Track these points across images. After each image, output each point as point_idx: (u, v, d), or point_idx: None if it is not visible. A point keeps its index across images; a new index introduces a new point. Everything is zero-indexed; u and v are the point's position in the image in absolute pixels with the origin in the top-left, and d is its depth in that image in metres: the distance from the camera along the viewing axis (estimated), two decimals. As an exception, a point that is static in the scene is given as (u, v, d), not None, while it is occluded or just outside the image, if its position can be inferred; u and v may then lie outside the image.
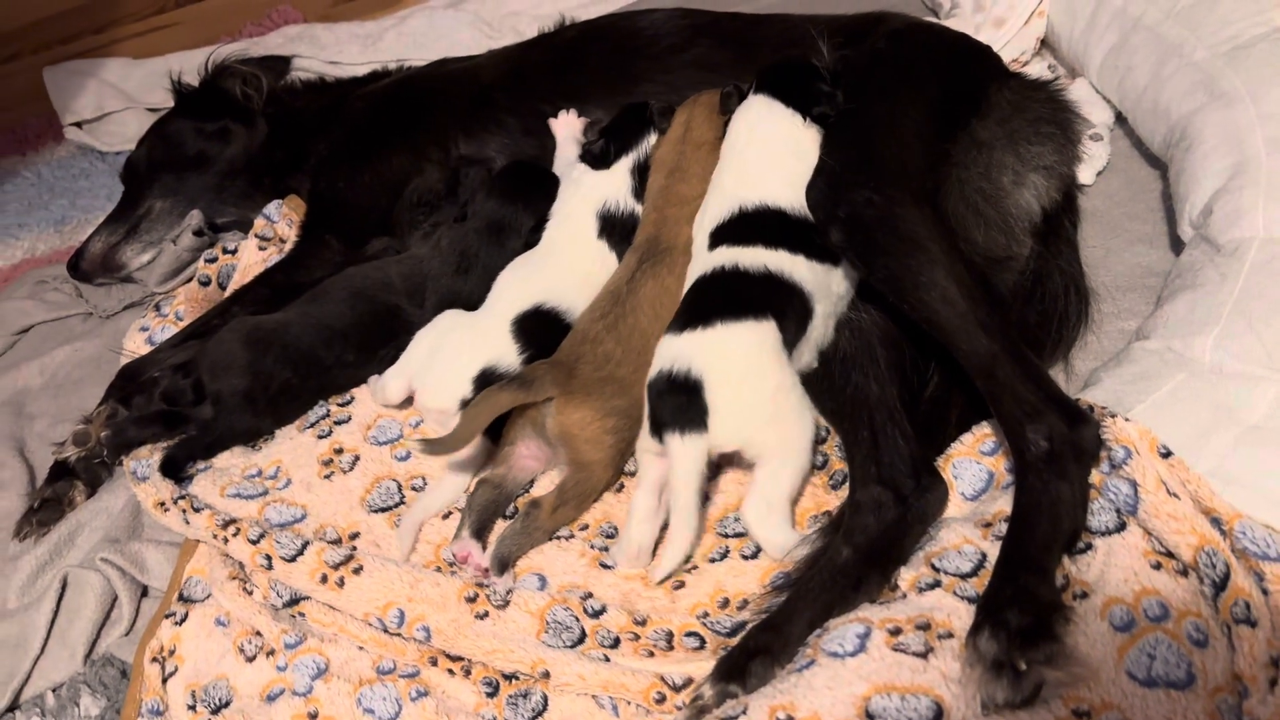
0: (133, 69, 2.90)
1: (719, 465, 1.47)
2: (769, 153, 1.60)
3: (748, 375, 1.38)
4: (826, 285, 1.50)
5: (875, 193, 1.42)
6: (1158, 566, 1.19)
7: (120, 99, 2.84)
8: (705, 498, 1.44)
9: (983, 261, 1.48)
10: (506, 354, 1.58)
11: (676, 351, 1.40)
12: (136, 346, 1.99)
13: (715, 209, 1.58)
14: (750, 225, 1.53)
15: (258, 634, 1.44)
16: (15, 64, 2.96)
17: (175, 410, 1.74)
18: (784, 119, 1.61)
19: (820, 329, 1.50)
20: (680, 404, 1.36)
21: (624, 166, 1.76)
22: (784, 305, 1.45)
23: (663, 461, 1.37)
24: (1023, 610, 1.11)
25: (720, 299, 1.45)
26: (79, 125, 2.85)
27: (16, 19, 2.91)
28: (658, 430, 1.37)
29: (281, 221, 2.14)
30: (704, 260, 1.53)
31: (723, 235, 1.54)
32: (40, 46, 2.96)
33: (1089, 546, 1.23)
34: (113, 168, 2.64)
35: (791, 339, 1.45)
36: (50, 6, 2.91)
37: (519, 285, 1.67)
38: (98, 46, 2.99)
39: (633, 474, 1.55)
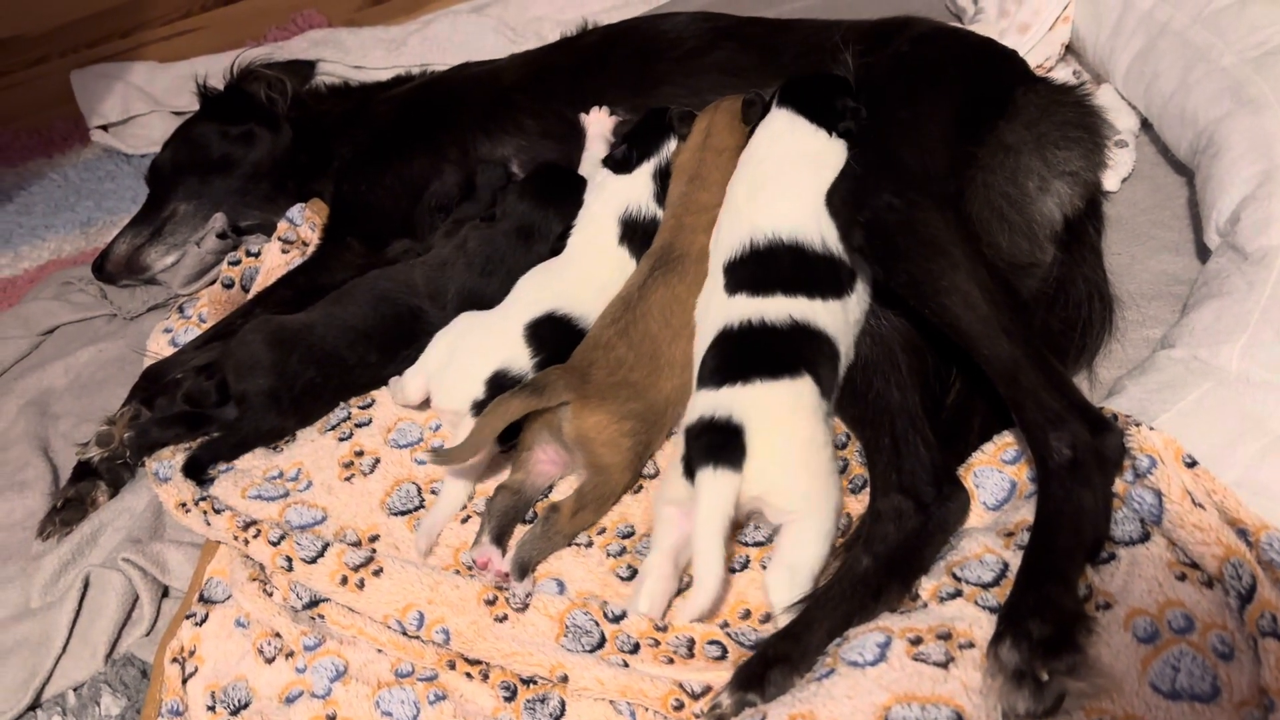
0: (159, 72, 2.92)
1: (739, 523, 1.43)
2: (787, 170, 1.57)
3: (786, 426, 1.35)
4: (845, 320, 1.48)
5: (897, 196, 1.41)
6: (1182, 578, 1.18)
7: (146, 102, 2.86)
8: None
9: (1006, 267, 1.47)
10: (519, 357, 1.58)
11: (716, 402, 1.38)
12: (160, 348, 2.01)
13: (728, 231, 1.56)
14: (766, 268, 1.49)
15: (277, 635, 1.44)
16: (43, 67, 2.99)
17: (198, 412, 1.75)
18: (807, 135, 1.58)
19: (844, 364, 1.48)
20: (718, 442, 1.33)
21: (646, 171, 1.76)
22: (815, 355, 1.42)
23: (683, 522, 1.34)
24: (1045, 620, 1.10)
25: (752, 357, 1.42)
26: (105, 128, 2.88)
27: (45, 23, 2.94)
28: (689, 470, 1.34)
29: (304, 224, 2.15)
30: (724, 308, 1.50)
31: (739, 278, 1.50)
32: (68, 50, 2.99)
33: (1112, 556, 1.21)
34: (138, 170, 2.67)
35: (830, 386, 1.43)
36: (78, 10, 2.94)
37: (536, 290, 1.67)
38: (124, 50, 3.02)
39: (651, 476, 1.55)
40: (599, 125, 1.96)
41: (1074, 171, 1.59)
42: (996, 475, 1.39)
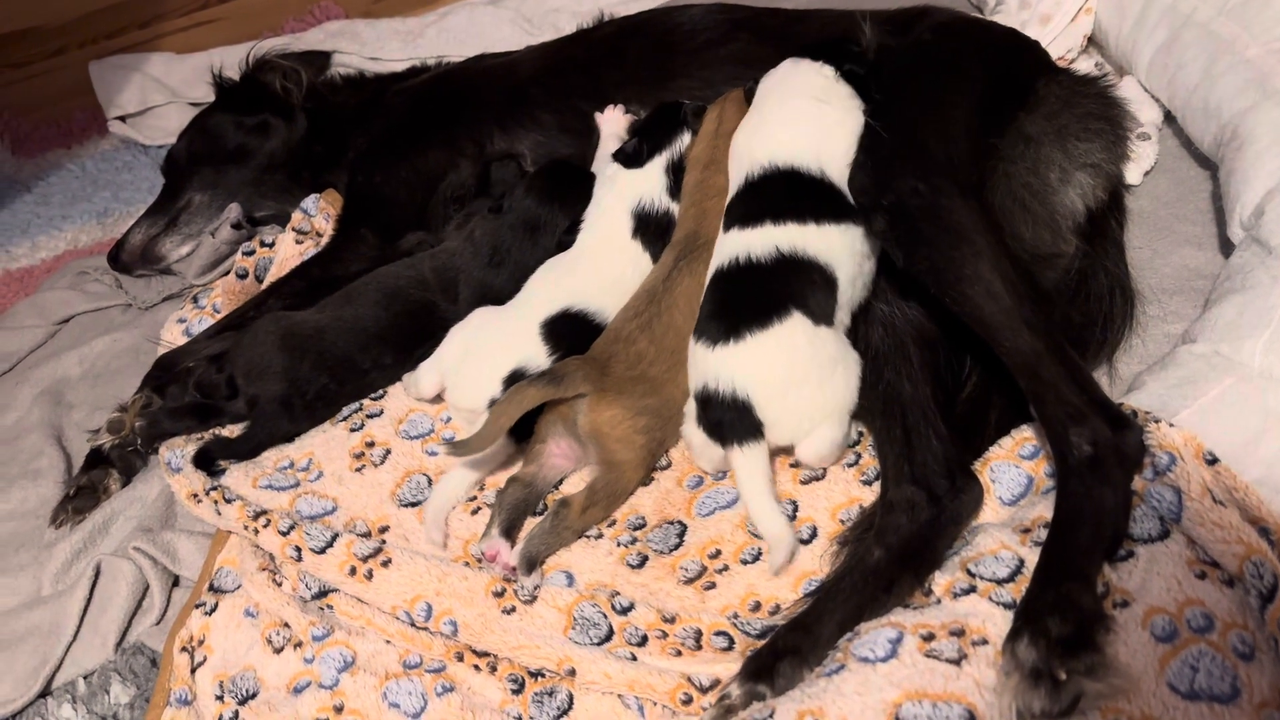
0: (176, 64, 2.93)
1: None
2: (787, 103, 1.58)
3: (790, 383, 1.38)
4: (848, 246, 1.47)
5: (921, 181, 1.39)
6: (1202, 576, 1.16)
7: (163, 93, 2.87)
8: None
9: (1028, 258, 1.45)
10: (536, 355, 1.57)
11: (715, 369, 1.40)
12: (174, 338, 2.01)
13: (733, 177, 1.58)
14: (756, 197, 1.51)
15: (286, 625, 1.44)
16: (62, 58, 3.00)
17: (208, 403, 1.75)
18: (811, 72, 1.60)
19: (849, 292, 1.47)
20: (731, 419, 1.37)
21: (658, 165, 1.74)
22: (804, 288, 1.42)
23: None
24: (1064, 618, 1.08)
25: (742, 301, 1.43)
26: (122, 119, 2.89)
27: (64, 14, 2.95)
28: (719, 438, 1.40)
29: (319, 215, 2.15)
30: (720, 247, 1.52)
31: (734, 213, 1.53)
32: (86, 41, 3.00)
33: (1131, 554, 1.19)
34: (155, 161, 2.67)
35: (825, 310, 1.43)
36: (96, 2, 2.95)
37: (550, 287, 1.66)
38: (142, 41, 3.03)
39: (664, 468, 1.54)
40: (613, 124, 1.94)
41: (1096, 163, 1.57)
42: (1013, 470, 1.37)
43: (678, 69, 2.02)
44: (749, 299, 1.43)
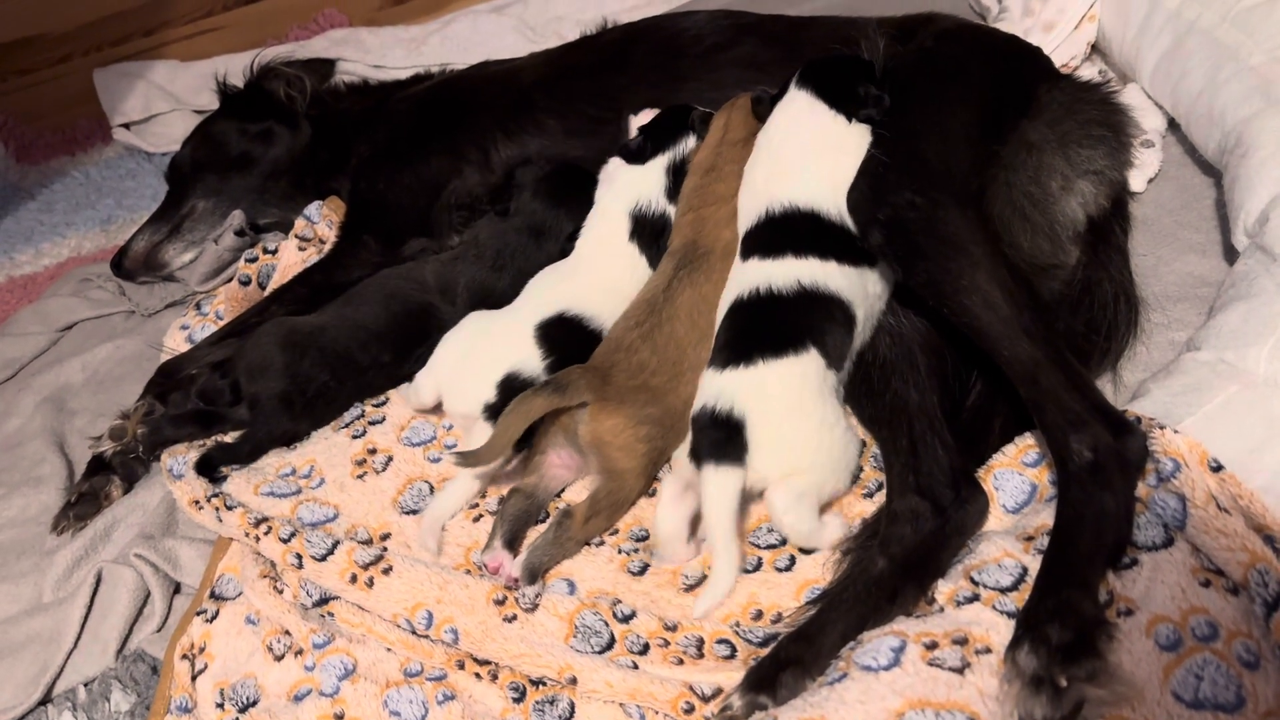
0: (180, 71, 2.94)
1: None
2: (807, 150, 1.56)
3: (790, 413, 1.36)
4: (863, 288, 1.46)
5: (918, 194, 1.39)
6: (1206, 584, 1.15)
7: (167, 100, 2.88)
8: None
9: (1028, 267, 1.44)
10: (530, 359, 1.57)
11: (720, 388, 1.38)
12: (177, 344, 2.01)
13: (747, 209, 1.56)
14: (778, 231, 1.49)
15: (287, 633, 1.43)
16: (67, 65, 3.01)
17: (211, 410, 1.75)
18: (826, 119, 1.56)
19: (861, 334, 1.47)
20: (719, 439, 1.34)
21: (660, 164, 1.74)
22: (824, 324, 1.41)
23: (689, 496, 1.38)
24: (1064, 625, 1.08)
25: (759, 331, 1.42)
26: (127, 126, 2.90)
27: (69, 22, 2.96)
28: (696, 459, 1.35)
29: (322, 222, 2.15)
30: (738, 277, 1.50)
31: (753, 244, 1.51)
32: (91, 48, 3.01)
33: (1135, 562, 1.18)
34: (159, 168, 2.68)
35: (840, 353, 1.42)
36: (101, 9, 2.96)
37: (546, 291, 1.66)
38: (147, 49, 3.04)
39: (663, 479, 1.53)
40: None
41: (1098, 170, 1.57)
42: (1017, 478, 1.36)
43: (684, 74, 2.02)
44: (767, 329, 1.41)
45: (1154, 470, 1.24)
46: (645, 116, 1.93)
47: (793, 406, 1.36)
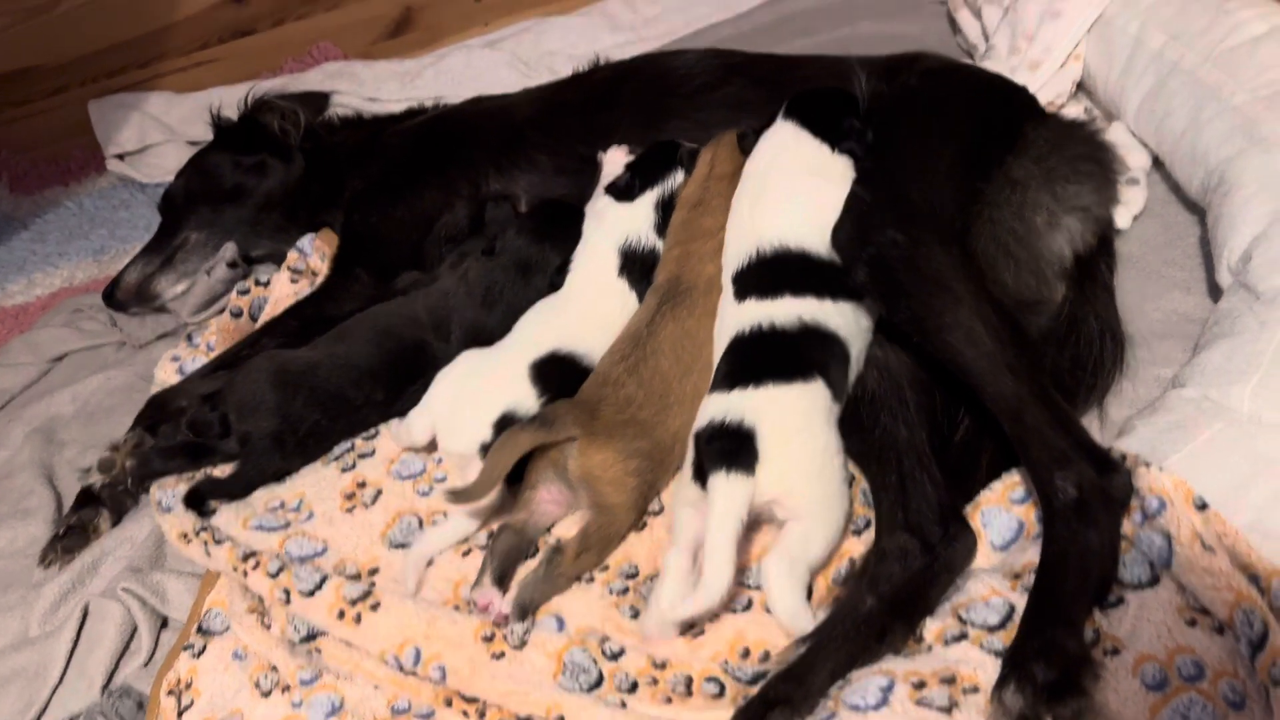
0: (175, 103, 2.95)
1: (752, 523, 1.41)
2: (792, 175, 1.58)
3: (801, 431, 1.36)
4: (855, 323, 1.48)
5: (901, 232, 1.40)
6: (1193, 623, 1.15)
7: (162, 132, 2.88)
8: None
9: (1012, 304, 1.45)
10: (526, 398, 1.57)
11: (726, 406, 1.38)
12: (168, 376, 2.00)
13: (735, 245, 1.57)
14: (773, 272, 1.50)
15: (274, 669, 1.42)
16: (62, 96, 3.02)
17: (201, 443, 1.74)
18: (810, 147, 1.58)
19: (855, 370, 1.48)
20: (730, 447, 1.33)
21: (648, 201, 1.75)
22: (826, 358, 1.42)
23: (700, 518, 1.34)
24: (1050, 664, 1.08)
25: (765, 361, 1.42)
26: (121, 157, 2.90)
27: (65, 53, 2.97)
28: (700, 475, 1.34)
29: (314, 255, 2.16)
30: (735, 315, 1.51)
31: (747, 284, 1.52)
32: (87, 80, 3.02)
33: (1121, 600, 1.19)
34: (152, 199, 2.67)
35: (841, 387, 1.43)
36: (98, 41, 2.97)
37: (538, 328, 1.66)
38: (143, 80, 3.04)
39: (656, 513, 1.54)
40: (615, 163, 1.95)
41: (1085, 206, 1.58)
42: (1004, 515, 1.37)
43: (673, 112, 2.04)
44: (774, 358, 1.42)
45: (1139, 508, 1.25)
46: (616, 155, 1.95)
47: (802, 426, 1.36)
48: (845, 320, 1.46)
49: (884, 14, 2.82)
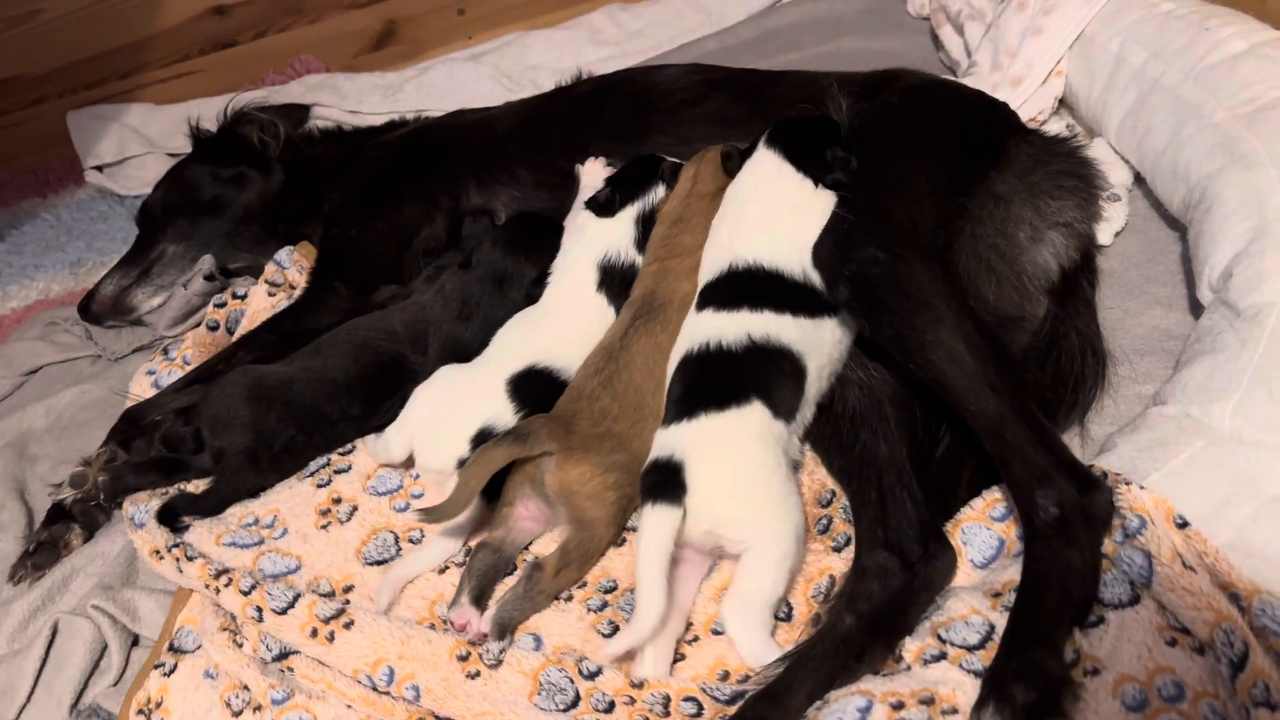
0: (155, 114, 2.93)
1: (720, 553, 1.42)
2: (773, 210, 1.56)
3: (728, 454, 1.36)
4: (819, 338, 1.47)
5: (882, 250, 1.40)
6: (1173, 643, 1.15)
7: (141, 144, 2.86)
8: (709, 568, 1.42)
9: (994, 321, 1.45)
10: (503, 414, 1.55)
11: (665, 442, 1.39)
12: (142, 390, 1.98)
13: (711, 262, 1.56)
14: (739, 285, 1.50)
15: (245, 688, 1.40)
16: (41, 108, 3.00)
17: (174, 458, 1.72)
18: (793, 182, 1.57)
19: (815, 384, 1.46)
20: (659, 480, 1.34)
21: (628, 216, 1.74)
22: (771, 377, 1.41)
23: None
24: (1029, 685, 1.07)
25: (704, 387, 1.42)
26: (100, 169, 2.88)
27: (44, 64, 2.95)
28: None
29: (293, 268, 2.14)
30: (691, 329, 1.51)
31: (711, 295, 1.52)
32: (66, 91, 3.00)
33: (1101, 620, 1.18)
34: (130, 211, 2.66)
35: (790, 404, 1.42)
36: (77, 52, 2.95)
37: (515, 343, 1.65)
38: (123, 92, 3.03)
39: (635, 529, 1.52)
40: (593, 175, 1.95)
41: (1068, 222, 1.58)
42: (984, 532, 1.36)
43: (655, 126, 2.03)
44: (712, 384, 1.42)
45: (1120, 526, 1.24)
46: (593, 167, 1.94)
47: (730, 450, 1.36)
48: (802, 335, 1.45)
49: (868, 30, 2.83)
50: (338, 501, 1.64)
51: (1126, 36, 2.01)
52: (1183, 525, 1.22)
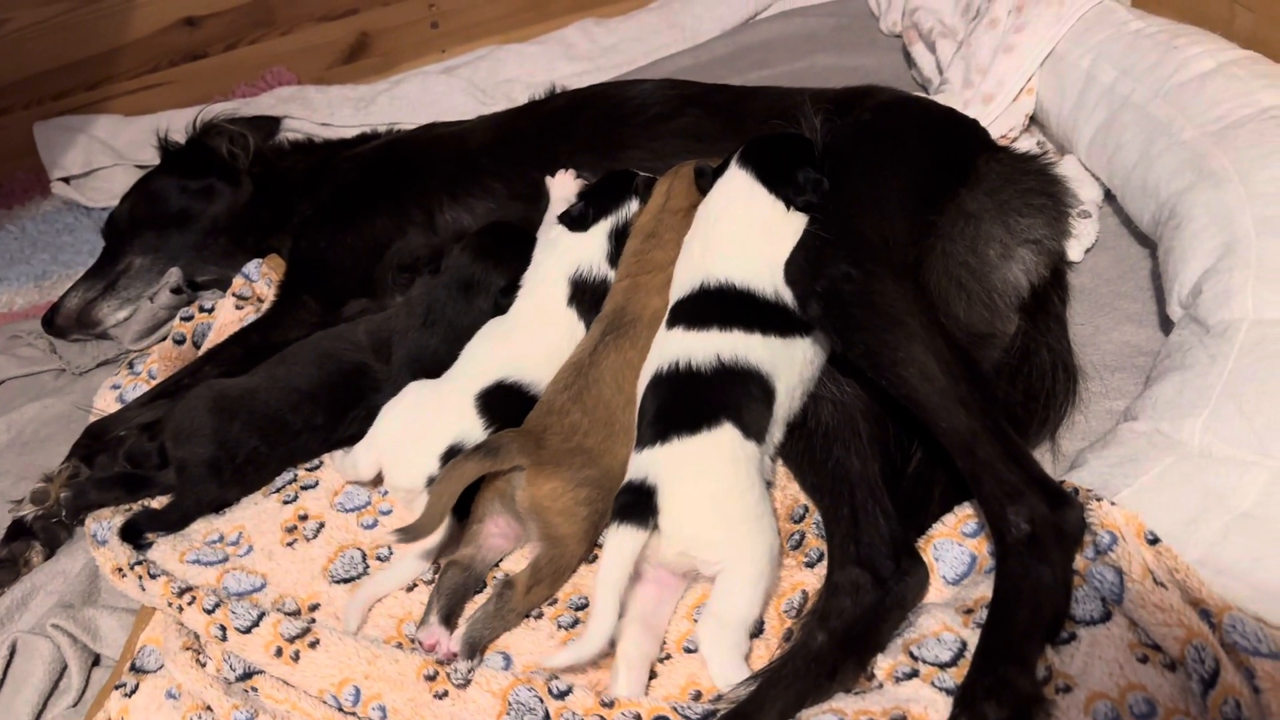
0: (123, 126, 2.89)
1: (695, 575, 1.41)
2: (744, 231, 1.55)
3: (700, 477, 1.35)
4: (789, 358, 1.46)
5: (854, 267, 1.39)
6: (1144, 660, 1.14)
7: (109, 155, 2.83)
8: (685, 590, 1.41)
9: (965, 337, 1.45)
10: (472, 429, 1.54)
11: (639, 465, 1.39)
12: (107, 405, 1.95)
13: (682, 279, 1.55)
14: (709, 304, 1.49)
15: (208, 709, 1.37)
16: (7, 118, 2.95)
17: (138, 474, 1.70)
18: (764, 204, 1.55)
19: (786, 404, 1.45)
20: (628, 502, 1.34)
21: (602, 230, 1.73)
22: (740, 399, 1.41)
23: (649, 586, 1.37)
24: (1001, 703, 1.07)
25: (676, 410, 1.41)
26: (66, 180, 2.84)
27: (11, 74, 2.90)
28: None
29: (261, 281, 2.12)
30: (661, 347, 1.50)
31: (681, 313, 1.51)
32: (33, 101, 2.95)
33: (1073, 636, 1.18)
34: (97, 223, 2.62)
35: (759, 425, 1.41)
36: (44, 62, 2.91)
37: (483, 358, 1.63)
38: (91, 103, 2.99)
39: (607, 546, 1.51)
40: (563, 188, 1.94)
41: (1037, 239, 1.58)
42: (956, 548, 1.36)
43: (628, 141, 2.03)
44: (684, 407, 1.41)
45: (1091, 543, 1.24)
46: (564, 179, 1.93)
47: (702, 473, 1.35)
48: (771, 354, 1.44)
49: (840, 47, 2.84)
50: (304, 518, 1.62)
51: (1097, 54, 2.02)
52: (1153, 541, 1.22)
